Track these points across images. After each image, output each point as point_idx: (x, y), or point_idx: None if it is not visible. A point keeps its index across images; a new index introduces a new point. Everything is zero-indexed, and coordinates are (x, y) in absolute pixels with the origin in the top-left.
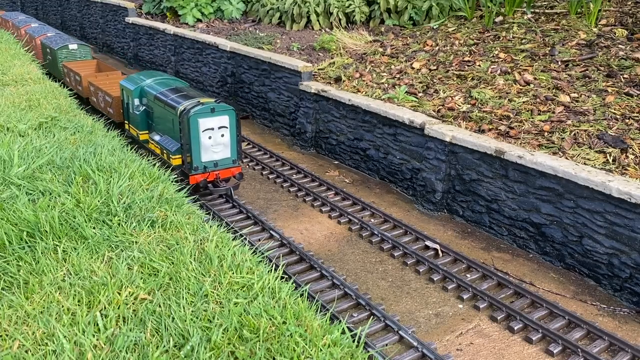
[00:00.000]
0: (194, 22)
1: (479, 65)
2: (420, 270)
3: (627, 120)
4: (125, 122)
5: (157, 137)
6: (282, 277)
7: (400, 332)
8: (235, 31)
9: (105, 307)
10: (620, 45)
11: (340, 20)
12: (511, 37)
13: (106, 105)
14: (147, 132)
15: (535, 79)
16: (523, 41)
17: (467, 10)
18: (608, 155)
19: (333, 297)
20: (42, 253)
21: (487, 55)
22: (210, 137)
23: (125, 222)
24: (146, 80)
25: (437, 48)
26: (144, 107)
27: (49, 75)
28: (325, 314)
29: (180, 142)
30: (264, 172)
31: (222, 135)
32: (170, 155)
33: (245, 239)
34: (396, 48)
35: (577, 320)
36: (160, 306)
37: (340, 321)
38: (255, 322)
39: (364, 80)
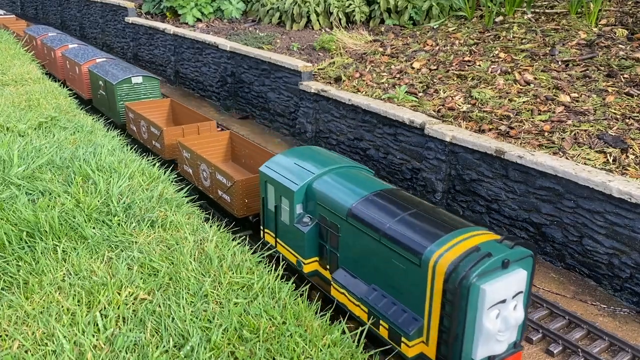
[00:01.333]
0: (193, 21)
1: (479, 65)
2: None
3: (627, 120)
4: (266, 230)
5: (353, 283)
6: (281, 277)
7: None
8: (235, 31)
9: (105, 307)
10: (620, 45)
11: (340, 20)
12: (511, 37)
13: (216, 186)
14: (316, 259)
15: (535, 78)
16: (523, 41)
17: (467, 10)
18: (608, 155)
19: None
20: (42, 253)
21: (487, 55)
22: (497, 315)
23: (125, 222)
24: (315, 171)
25: (437, 48)
26: (314, 222)
27: (97, 114)
28: (325, 314)
29: (445, 326)
30: None
31: (515, 308)
32: (406, 340)
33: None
34: (396, 48)
35: (577, 320)
36: (160, 306)
37: (340, 321)
38: (255, 322)
39: (364, 80)
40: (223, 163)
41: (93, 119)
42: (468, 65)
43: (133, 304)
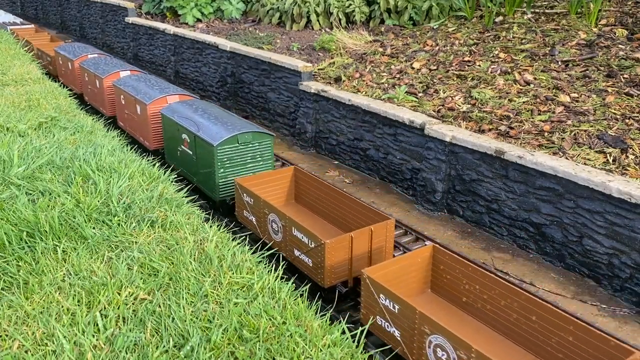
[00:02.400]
0: (193, 22)
1: (479, 65)
2: None
3: (627, 120)
4: None
5: None
6: (281, 278)
7: None
8: (235, 31)
9: (105, 307)
10: (620, 45)
11: (340, 20)
12: (511, 37)
13: None
14: None
15: (535, 79)
16: (523, 41)
17: (467, 10)
18: (608, 155)
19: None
20: (42, 253)
21: (487, 55)
22: None
23: (125, 222)
24: None
25: (437, 48)
26: None
27: (172, 171)
28: (325, 314)
29: None
30: None
31: None
32: None
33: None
34: (396, 48)
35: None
36: (160, 306)
37: (340, 321)
38: (255, 322)
39: (364, 80)
40: (421, 294)
41: (93, 119)
42: (468, 66)
43: (133, 304)
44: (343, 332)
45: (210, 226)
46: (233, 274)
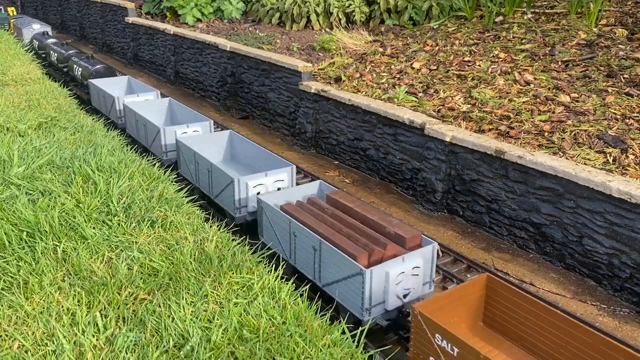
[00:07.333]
0: (193, 22)
1: (479, 65)
2: None
3: (627, 120)
4: None
5: None
6: (281, 278)
7: None
8: (235, 31)
9: (105, 307)
10: (620, 45)
11: (340, 20)
12: (511, 37)
13: None
14: None
15: (535, 79)
16: (523, 41)
17: (467, 10)
18: (608, 155)
19: None
20: (42, 253)
21: (487, 55)
22: None
23: (125, 222)
24: None
25: (437, 48)
26: None
27: None
28: (325, 314)
29: None
30: None
31: None
32: None
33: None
34: (396, 48)
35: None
36: (160, 306)
37: (340, 321)
38: (255, 322)
39: (364, 80)
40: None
41: (93, 119)
42: (468, 66)
43: (133, 304)
44: (343, 332)
45: (210, 226)
46: (233, 274)
